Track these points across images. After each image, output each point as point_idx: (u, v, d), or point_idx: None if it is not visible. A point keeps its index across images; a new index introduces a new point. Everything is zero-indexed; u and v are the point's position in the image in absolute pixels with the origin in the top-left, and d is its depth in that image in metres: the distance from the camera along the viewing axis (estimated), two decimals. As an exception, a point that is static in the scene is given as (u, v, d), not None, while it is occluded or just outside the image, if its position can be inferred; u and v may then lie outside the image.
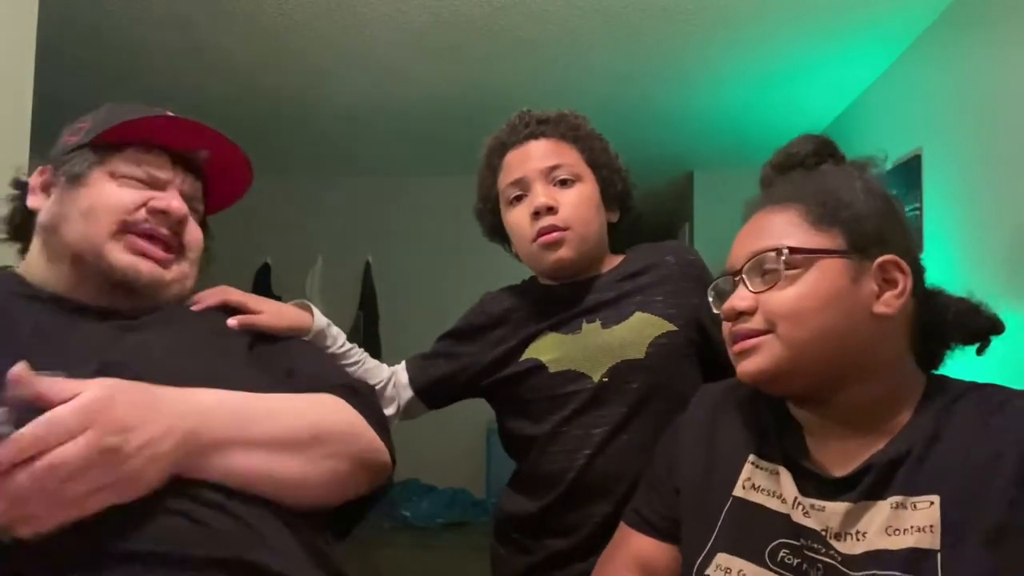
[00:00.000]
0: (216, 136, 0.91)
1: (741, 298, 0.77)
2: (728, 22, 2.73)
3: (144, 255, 0.86)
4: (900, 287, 0.74)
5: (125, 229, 0.85)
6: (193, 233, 0.92)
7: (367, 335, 4.56)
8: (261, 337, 0.96)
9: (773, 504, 0.77)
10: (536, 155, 1.11)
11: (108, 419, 0.59)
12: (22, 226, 0.91)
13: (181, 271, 0.90)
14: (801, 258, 0.74)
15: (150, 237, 0.86)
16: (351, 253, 4.84)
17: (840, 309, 0.73)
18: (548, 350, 1.12)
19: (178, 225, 0.89)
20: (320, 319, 1.09)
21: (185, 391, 0.69)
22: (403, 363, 1.22)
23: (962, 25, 2.51)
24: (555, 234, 1.08)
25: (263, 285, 4.56)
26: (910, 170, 2.69)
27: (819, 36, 2.84)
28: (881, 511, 0.69)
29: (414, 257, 4.94)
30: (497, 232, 1.20)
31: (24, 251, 0.91)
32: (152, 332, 0.83)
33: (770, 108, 3.62)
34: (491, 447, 4.44)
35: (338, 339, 1.13)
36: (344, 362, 1.14)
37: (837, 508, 0.71)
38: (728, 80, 3.30)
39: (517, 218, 1.12)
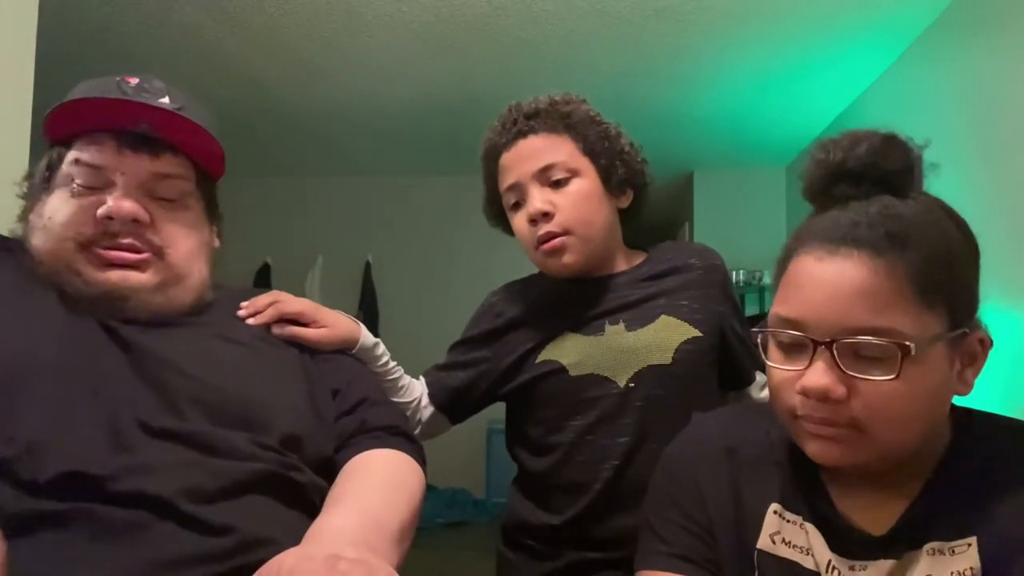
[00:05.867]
0: (149, 108, 0.81)
1: (835, 381, 0.63)
2: (728, 22, 2.73)
3: (112, 265, 0.79)
4: (978, 364, 0.67)
5: (86, 245, 0.79)
6: (168, 227, 0.83)
7: (367, 335, 4.57)
8: (309, 348, 0.93)
9: (808, 563, 0.71)
10: (527, 156, 1.05)
11: None
12: None
13: (169, 270, 0.83)
14: (914, 349, 0.61)
15: (117, 245, 0.80)
16: (351, 253, 4.85)
17: (937, 401, 0.65)
18: (568, 352, 1.06)
19: (135, 225, 0.80)
20: (368, 338, 1.05)
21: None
22: (421, 378, 1.17)
23: (962, 25, 2.51)
24: (555, 241, 1.04)
25: (263, 285, 4.56)
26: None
27: (819, 36, 2.84)
28: (920, 560, 0.66)
29: (414, 257, 4.94)
30: (510, 231, 1.14)
31: None
32: (200, 340, 0.82)
33: (770, 108, 3.62)
34: (491, 447, 4.43)
35: (382, 357, 1.08)
36: (386, 379, 1.09)
37: (881, 567, 0.68)
38: (728, 80, 3.29)
39: (518, 225, 1.08)
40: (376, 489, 0.79)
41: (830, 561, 0.69)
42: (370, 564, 0.59)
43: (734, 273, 4.36)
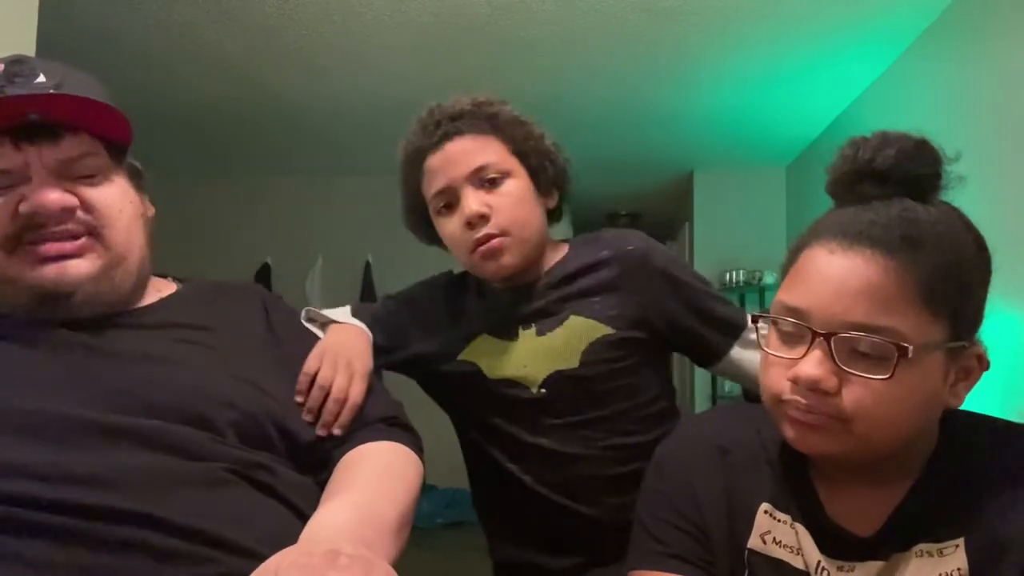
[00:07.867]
0: (38, 96, 0.75)
1: (827, 373, 0.64)
2: (728, 22, 2.73)
3: (47, 259, 0.75)
4: (972, 380, 0.67)
5: (13, 246, 0.75)
6: (98, 205, 0.78)
7: (367, 335, 4.57)
8: (288, 337, 0.92)
9: (798, 563, 0.72)
10: (457, 158, 1.01)
11: None
12: None
13: (110, 251, 0.79)
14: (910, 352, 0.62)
15: (49, 236, 0.75)
16: (351, 253, 4.84)
17: (926, 408, 0.66)
18: (484, 354, 1.07)
19: (64, 214, 0.75)
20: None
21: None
22: (348, 310, 1.10)
23: (962, 25, 2.51)
24: (493, 243, 1.01)
25: (263, 285, 4.56)
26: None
27: (819, 36, 2.84)
28: (908, 562, 0.67)
29: (414, 257, 4.92)
30: (435, 239, 1.11)
31: None
32: (150, 339, 0.80)
33: (770, 108, 3.63)
34: (491, 447, 4.43)
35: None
36: None
37: (869, 568, 0.68)
38: (728, 80, 3.30)
39: (451, 229, 1.04)
40: (373, 482, 0.79)
41: (819, 562, 0.70)
42: (368, 560, 0.59)
43: (734, 273, 4.36)
